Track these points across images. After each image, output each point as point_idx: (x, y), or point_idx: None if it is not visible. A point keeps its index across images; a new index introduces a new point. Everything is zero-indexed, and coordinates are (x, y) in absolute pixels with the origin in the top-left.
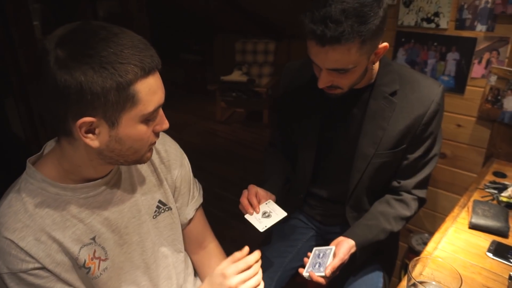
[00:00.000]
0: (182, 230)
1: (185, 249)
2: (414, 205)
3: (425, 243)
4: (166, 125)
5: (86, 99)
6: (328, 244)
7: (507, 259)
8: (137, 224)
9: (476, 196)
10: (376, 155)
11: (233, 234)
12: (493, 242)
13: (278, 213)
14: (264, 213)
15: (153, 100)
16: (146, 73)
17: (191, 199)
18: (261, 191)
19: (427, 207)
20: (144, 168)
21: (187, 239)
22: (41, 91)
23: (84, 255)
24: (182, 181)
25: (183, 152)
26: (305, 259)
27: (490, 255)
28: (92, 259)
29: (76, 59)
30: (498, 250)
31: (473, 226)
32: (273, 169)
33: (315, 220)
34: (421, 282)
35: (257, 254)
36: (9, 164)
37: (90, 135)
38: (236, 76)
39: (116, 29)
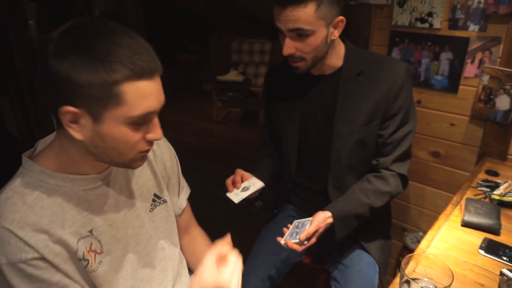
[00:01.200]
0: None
1: None
2: (393, 181)
3: (419, 242)
4: (158, 135)
5: (72, 89)
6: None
7: (498, 256)
8: (133, 218)
9: (469, 194)
10: (350, 133)
11: (227, 232)
12: (485, 240)
13: (256, 185)
14: (244, 188)
15: (142, 105)
16: (137, 76)
17: (181, 190)
18: (247, 174)
19: (420, 205)
20: None
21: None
22: (38, 79)
23: (82, 248)
24: (173, 173)
25: (170, 144)
26: (284, 229)
27: (482, 252)
28: (89, 251)
29: (70, 50)
30: (490, 247)
31: (466, 224)
32: (263, 161)
33: (306, 213)
34: (413, 279)
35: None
36: (4, 163)
37: (73, 125)
38: (232, 76)
39: (121, 30)
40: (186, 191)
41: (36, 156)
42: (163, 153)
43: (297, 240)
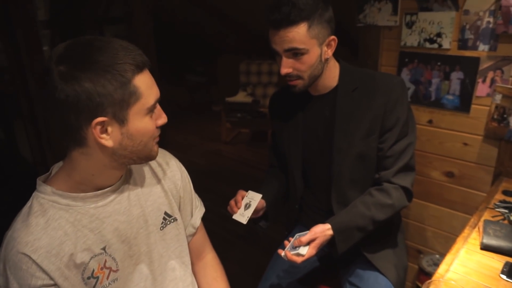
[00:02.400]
0: (188, 242)
1: None
2: (395, 193)
3: (435, 264)
4: (165, 118)
5: (96, 102)
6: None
7: None
8: (145, 235)
9: (487, 215)
10: (349, 146)
11: (238, 254)
12: (507, 264)
13: (255, 198)
14: (246, 205)
15: (152, 93)
16: (140, 69)
17: (194, 208)
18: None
19: (436, 226)
20: (149, 180)
21: (189, 251)
22: (51, 109)
23: (93, 265)
24: (185, 192)
25: (181, 164)
26: (286, 242)
27: (504, 277)
28: (102, 268)
29: (80, 69)
30: None
31: (485, 247)
32: (267, 182)
33: None
34: None
35: None
36: (16, 185)
37: (104, 135)
38: (241, 97)
39: (105, 38)
40: (200, 210)
41: (49, 180)
42: (174, 172)
43: (296, 251)
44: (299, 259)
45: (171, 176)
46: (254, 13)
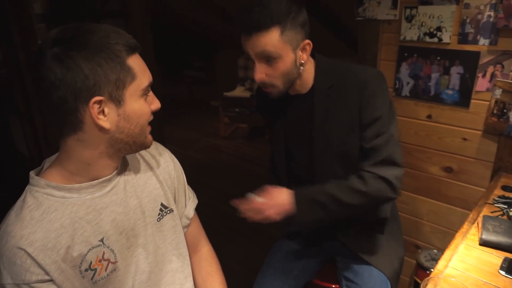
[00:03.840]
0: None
1: None
2: (373, 182)
3: (433, 259)
4: (158, 103)
5: (93, 81)
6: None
7: None
8: (143, 226)
9: (486, 211)
10: (328, 146)
11: (235, 250)
12: (506, 259)
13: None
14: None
15: (145, 75)
16: (133, 50)
17: (187, 199)
18: None
19: (434, 222)
20: (144, 171)
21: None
22: (46, 93)
23: (91, 257)
24: (179, 183)
25: (173, 155)
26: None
27: (503, 272)
28: (100, 261)
29: (73, 49)
30: (511, 268)
31: (484, 243)
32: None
33: (308, 229)
34: None
35: None
36: (13, 181)
37: (101, 116)
38: (239, 92)
39: (95, 24)
40: (193, 201)
41: (42, 173)
42: (167, 163)
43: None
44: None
45: (165, 167)
46: None
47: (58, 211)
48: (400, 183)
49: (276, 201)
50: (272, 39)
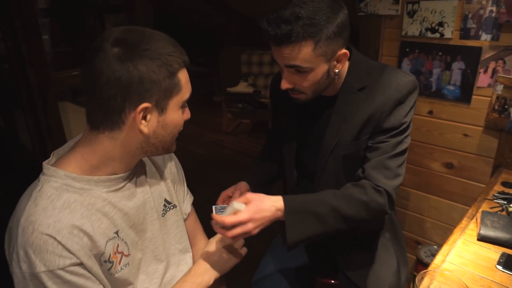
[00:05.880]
0: None
1: None
2: (372, 193)
3: (433, 255)
4: (189, 114)
5: (146, 87)
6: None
7: None
8: (150, 221)
9: (485, 207)
10: (337, 147)
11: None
12: (503, 255)
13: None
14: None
15: (188, 88)
16: (184, 64)
17: (185, 195)
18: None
19: (434, 217)
20: (149, 167)
21: None
22: (96, 88)
23: (109, 249)
24: (178, 178)
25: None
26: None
27: (500, 268)
28: (115, 253)
29: (136, 53)
30: (508, 263)
31: (482, 238)
32: (256, 165)
33: None
34: None
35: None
36: (17, 174)
37: (143, 121)
38: (242, 87)
39: (154, 31)
40: (190, 197)
41: (58, 163)
42: (169, 159)
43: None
44: (225, 218)
45: (167, 163)
46: (257, 3)
47: (77, 202)
48: (396, 195)
49: (259, 211)
50: (304, 53)
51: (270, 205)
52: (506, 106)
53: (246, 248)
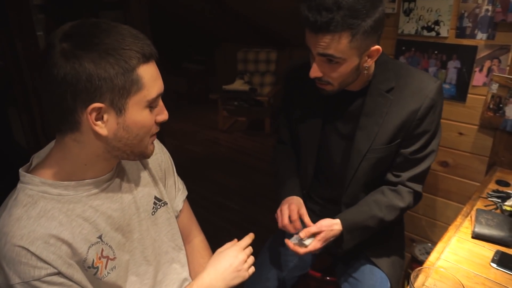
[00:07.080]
0: None
1: None
2: (408, 197)
3: (428, 253)
4: (166, 115)
5: (95, 85)
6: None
7: (511, 269)
8: (137, 222)
9: (479, 205)
10: (370, 150)
11: None
12: (497, 252)
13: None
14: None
15: (155, 86)
16: (147, 59)
17: (177, 191)
18: (293, 205)
19: (429, 216)
20: (136, 166)
21: None
22: (48, 88)
23: (92, 255)
24: (169, 174)
25: (163, 145)
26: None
27: (494, 265)
28: (99, 258)
29: (83, 49)
30: (503, 260)
31: (477, 236)
32: (287, 165)
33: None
34: None
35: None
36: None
37: (99, 122)
38: (238, 85)
39: (114, 23)
40: (182, 193)
41: (34, 169)
42: (157, 155)
43: (297, 241)
44: (301, 250)
45: (154, 159)
46: (254, 2)
47: (54, 209)
48: None
49: (327, 234)
50: (339, 44)
51: (337, 230)
52: (501, 105)
53: (254, 267)
